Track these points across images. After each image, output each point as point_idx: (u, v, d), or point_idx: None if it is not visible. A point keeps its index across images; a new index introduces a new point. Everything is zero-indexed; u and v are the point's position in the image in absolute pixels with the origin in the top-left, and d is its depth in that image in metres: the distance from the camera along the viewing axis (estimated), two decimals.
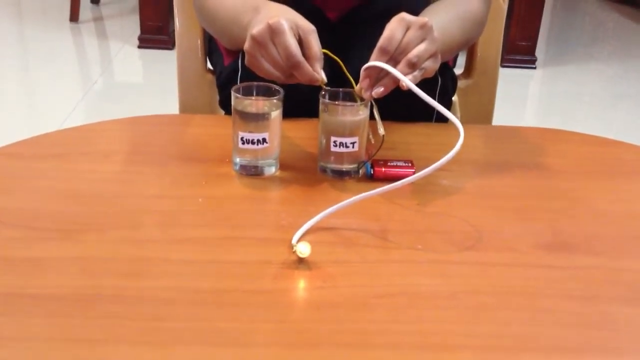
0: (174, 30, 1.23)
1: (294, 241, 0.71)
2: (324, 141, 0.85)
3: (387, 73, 0.81)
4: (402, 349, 0.59)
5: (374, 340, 0.60)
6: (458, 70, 1.20)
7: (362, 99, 0.84)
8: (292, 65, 0.81)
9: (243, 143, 0.83)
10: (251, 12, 0.89)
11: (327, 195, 0.83)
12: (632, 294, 0.68)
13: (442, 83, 1.04)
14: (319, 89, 0.84)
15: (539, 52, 3.24)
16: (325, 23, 1.07)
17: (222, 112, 1.14)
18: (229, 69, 1.06)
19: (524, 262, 0.72)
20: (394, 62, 0.82)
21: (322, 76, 0.82)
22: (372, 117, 0.85)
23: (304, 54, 0.81)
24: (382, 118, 0.85)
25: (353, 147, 0.84)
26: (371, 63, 0.81)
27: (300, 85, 0.83)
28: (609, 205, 0.84)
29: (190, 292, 0.65)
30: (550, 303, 0.66)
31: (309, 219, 0.74)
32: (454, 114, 0.87)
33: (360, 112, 0.84)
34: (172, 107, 1.25)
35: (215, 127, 1.02)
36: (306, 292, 0.68)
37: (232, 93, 0.83)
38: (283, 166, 0.87)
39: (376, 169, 0.85)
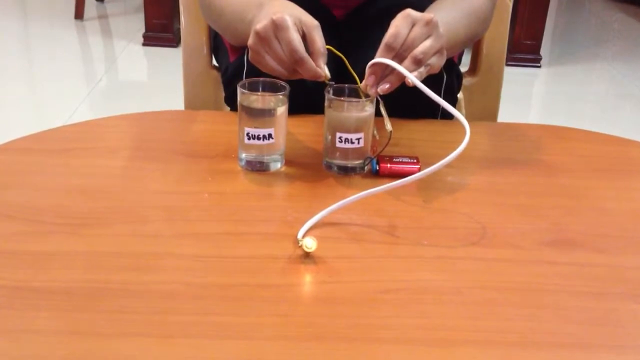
0: (178, 28, 1.24)
1: (299, 236, 0.71)
2: (330, 137, 0.85)
3: (393, 70, 0.81)
4: (408, 343, 0.59)
5: (379, 335, 0.60)
6: (463, 68, 1.20)
7: (367, 96, 0.84)
8: (295, 61, 0.81)
9: (249, 139, 0.83)
10: (255, 8, 0.89)
11: (332, 191, 0.83)
12: (637, 291, 0.68)
13: (447, 80, 1.04)
14: (324, 85, 0.84)
15: (544, 51, 3.24)
16: (331, 21, 1.08)
17: (228, 108, 1.14)
18: (234, 65, 1.06)
19: (529, 258, 0.72)
20: (400, 59, 0.82)
21: (326, 72, 0.83)
22: (377, 113, 0.85)
23: (308, 50, 0.81)
24: (387, 115, 0.85)
25: (358, 143, 0.84)
26: (377, 60, 0.82)
27: (305, 81, 0.83)
28: (614, 203, 0.84)
29: (196, 286, 0.65)
30: (555, 299, 0.66)
31: (315, 215, 0.74)
32: (459, 111, 0.87)
33: (366, 108, 0.84)
34: (177, 104, 1.25)
35: (220, 122, 1.02)
36: (312, 287, 0.68)
37: (238, 88, 0.83)
38: (288, 162, 0.87)
39: (382, 165, 0.85)
